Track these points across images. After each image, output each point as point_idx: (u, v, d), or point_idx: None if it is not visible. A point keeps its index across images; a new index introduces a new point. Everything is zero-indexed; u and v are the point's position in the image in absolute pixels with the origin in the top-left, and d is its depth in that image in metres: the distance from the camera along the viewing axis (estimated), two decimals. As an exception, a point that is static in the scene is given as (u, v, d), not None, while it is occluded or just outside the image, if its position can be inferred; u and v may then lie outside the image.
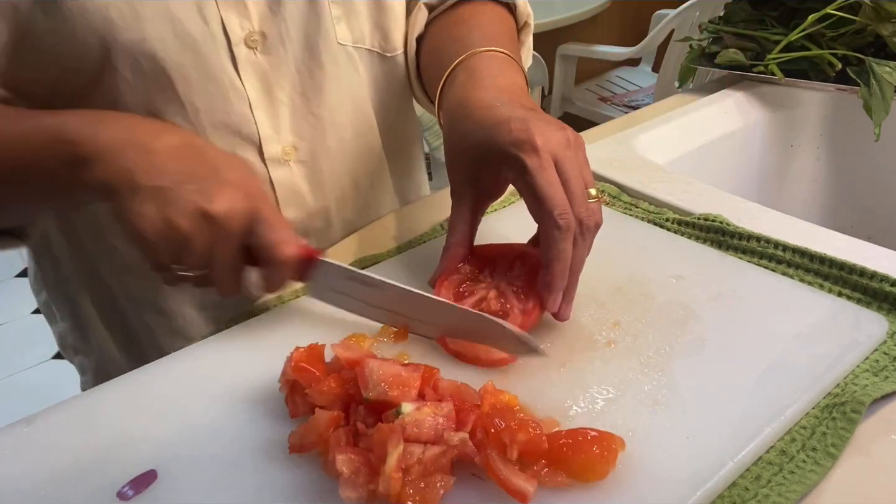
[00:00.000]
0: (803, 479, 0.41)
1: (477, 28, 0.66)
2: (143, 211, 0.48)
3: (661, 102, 0.94)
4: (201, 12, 0.59)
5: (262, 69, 0.63)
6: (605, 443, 0.40)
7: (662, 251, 0.61)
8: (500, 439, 0.40)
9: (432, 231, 0.68)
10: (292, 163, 0.67)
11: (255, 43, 0.62)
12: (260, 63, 0.63)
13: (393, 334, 0.53)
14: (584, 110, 2.45)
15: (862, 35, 0.86)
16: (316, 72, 0.66)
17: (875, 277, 0.54)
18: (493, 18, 0.69)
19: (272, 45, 0.63)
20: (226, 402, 0.48)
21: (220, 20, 0.60)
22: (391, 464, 0.38)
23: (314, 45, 0.65)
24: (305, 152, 0.68)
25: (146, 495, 0.42)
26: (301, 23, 0.64)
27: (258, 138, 0.64)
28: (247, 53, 0.62)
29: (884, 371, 0.48)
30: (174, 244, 0.49)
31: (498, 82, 0.56)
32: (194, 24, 0.58)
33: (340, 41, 0.66)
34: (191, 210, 0.48)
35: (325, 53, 0.65)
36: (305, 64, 0.65)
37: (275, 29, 0.63)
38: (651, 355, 0.49)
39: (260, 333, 0.55)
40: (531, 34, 0.76)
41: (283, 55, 0.64)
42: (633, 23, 2.82)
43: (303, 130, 0.67)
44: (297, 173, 0.68)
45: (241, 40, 0.61)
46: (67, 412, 0.49)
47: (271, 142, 0.65)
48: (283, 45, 0.63)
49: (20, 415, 0.49)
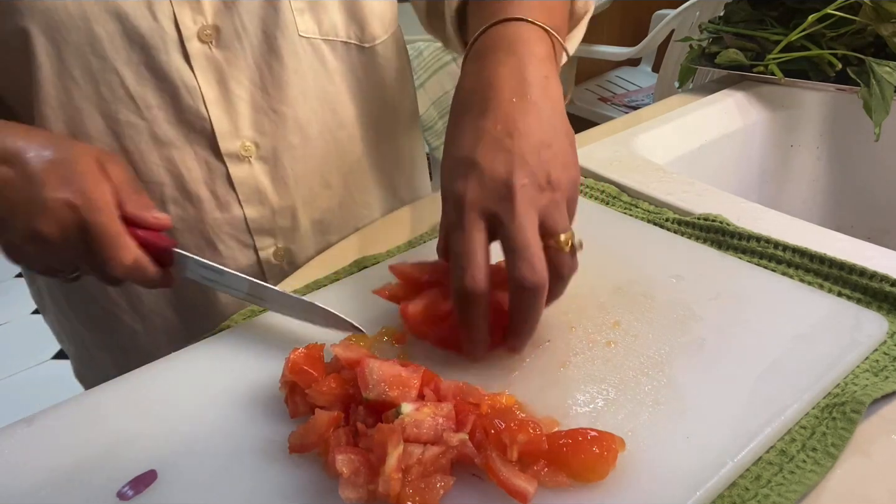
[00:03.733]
0: (803, 479, 0.41)
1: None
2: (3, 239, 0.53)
3: (661, 102, 0.94)
4: (151, 8, 0.58)
5: (217, 64, 0.62)
6: (605, 443, 0.40)
7: (662, 251, 0.61)
8: (500, 440, 0.40)
9: (432, 231, 0.68)
10: (253, 159, 0.66)
11: (208, 37, 0.61)
12: (215, 58, 0.62)
13: (392, 335, 0.53)
14: (584, 110, 2.45)
15: (862, 35, 0.86)
16: (275, 66, 0.64)
17: (875, 277, 0.54)
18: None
19: (227, 40, 0.62)
20: (226, 402, 0.48)
21: (171, 14, 0.59)
22: (391, 464, 0.38)
23: (273, 39, 0.63)
24: (266, 149, 0.66)
25: (146, 495, 0.42)
26: (258, 16, 0.62)
27: (211, 134, 0.63)
28: (200, 48, 0.61)
29: (884, 371, 0.48)
30: (34, 261, 0.54)
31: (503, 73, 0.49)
32: (143, 20, 0.58)
33: (302, 34, 0.64)
34: (27, 234, 0.51)
35: (284, 47, 0.64)
36: (264, 58, 0.64)
37: (229, 22, 0.61)
38: (651, 355, 0.49)
39: (260, 333, 0.55)
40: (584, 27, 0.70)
41: (239, 49, 0.62)
42: (633, 23, 2.81)
43: (263, 126, 0.66)
44: (259, 170, 0.67)
45: (193, 35, 0.60)
46: (67, 412, 0.49)
47: (229, 138, 0.64)
48: (238, 39, 0.62)
49: (20, 415, 0.49)
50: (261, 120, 0.65)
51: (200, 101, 0.62)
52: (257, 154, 0.66)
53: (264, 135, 0.66)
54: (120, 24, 0.57)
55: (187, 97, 0.62)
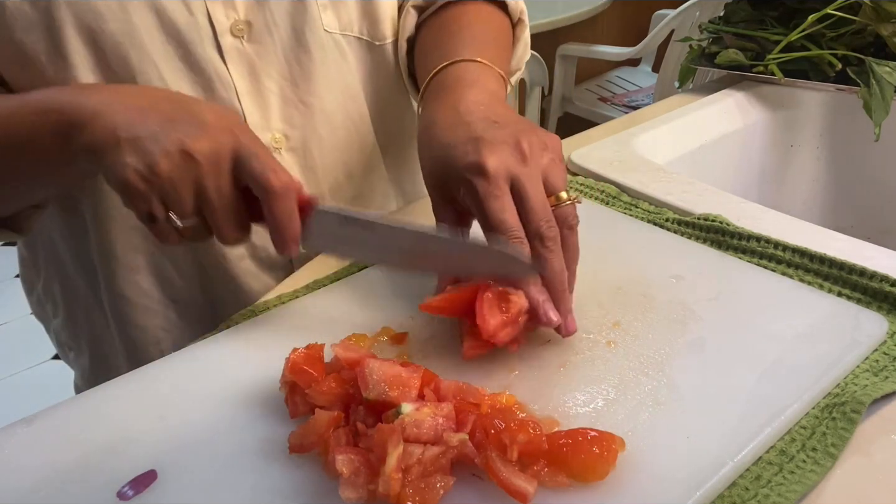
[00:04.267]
0: (803, 479, 0.41)
1: (459, 33, 0.65)
2: (125, 160, 0.48)
3: (661, 102, 0.94)
4: (186, 2, 0.60)
5: (248, 58, 0.64)
6: (605, 443, 0.40)
7: (662, 251, 0.61)
8: (499, 440, 0.40)
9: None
10: (283, 151, 0.68)
11: (240, 32, 0.63)
12: (246, 52, 0.63)
13: (391, 336, 0.53)
14: (584, 110, 2.45)
15: (862, 35, 0.86)
16: (304, 59, 0.66)
17: (875, 277, 0.54)
18: (479, 19, 0.68)
19: (258, 34, 0.64)
20: (226, 402, 0.48)
21: (205, 10, 0.60)
22: (391, 464, 0.38)
23: (301, 33, 0.65)
24: (296, 140, 0.68)
25: (146, 495, 0.42)
26: (287, 11, 0.64)
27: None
28: (233, 42, 0.62)
29: (884, 371, 0.48)
30: (160, 189, 0.48)
31: (466, 96, 0.55)
32: (179, 15, 0.60)
33: (327, 28, 0.67)
34: (172, 151, 0.47)
35: (312, 41, 0.66)
36: (293, 52, 0.66)
37: (260, 17, 0.63)
38: (651, 355, 0.49)
39: (260, 333, 0.55)
40: (527, 29, 0.75)
41: (269, 43, 0.64)
42: (633, 23, 2.82)
43: (293, 118, 0.67)
44: (289, 161, 0.68)
45: (226, 30, 0.62)
46: (67, 412, 0.49)
47: (261, 130, 0.65)
48: (269, 33, 0.64)
49: (20, 415, 0.49)
50: (290, 112, 0.67)
51: (234, 93, 0.63)
52: (287, 145, 0.68)
53: (294, 126, 0.68)
54: (157, 17, 0.59)
55: (221, 90, 0.63)
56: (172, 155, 0.47)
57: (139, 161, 0.47)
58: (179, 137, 0.48)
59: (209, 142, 0.48)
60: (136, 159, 0.47)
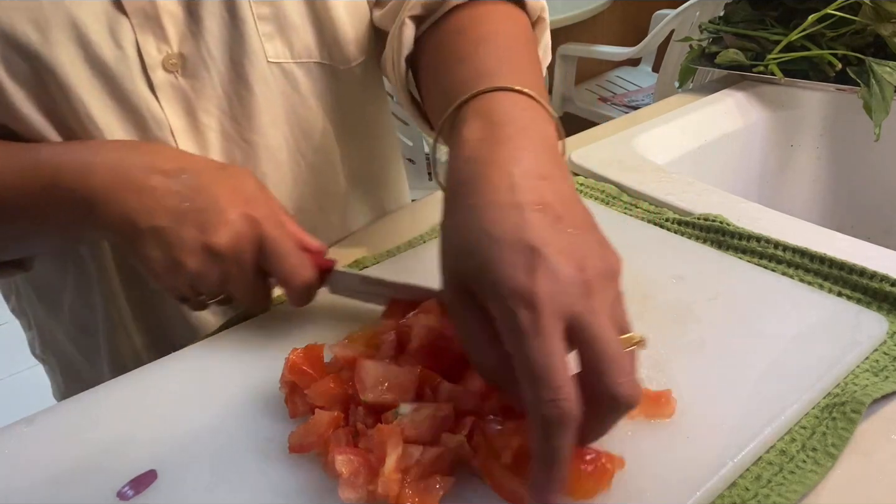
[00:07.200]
0: (803, 479, 0.41)
1: (484, 42, 0.53)
2: (149, 254, 0.50)
3: (661, 102, 0.94)
4: (114, 35, 0.55)
5: (184, 93, 0.59)
6: (601, 463, 0.39)
7: (662, 251, 0.61)
8: (493, 444, 0.40)
9: (432, 231, 0.68)
10: None
11: (174, 66, 0.57)
12: (181, 87, 0.59)
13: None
14: (584, 110, 2.45)
15: (862, 35, 0.86)
16: (244, 94, 0.61)
17: (875, 277, 0.54)
18: (502, 24, 0.56)
19: (193, 68, 0.58)
20: (226, 402, 0.48)
21: (134, 42, 0.55)
22: (390, 465, 0.38)
23: (240, 66, 0.60)
24: None
25: (146, 495, 0.42)
26: (224, 43, 0.59)
27: None
28: (165, 77, 0.57)
29: (884, 371, 0.48)
30: (187, 280, 0.50)
31: (522, 156, 0.41)
32: (106, 47, 0.54)
33: (272, 59, 0.61)
34: (195, 247, 0.49)
35: (253, 74, 0.60)
36: (232, 86, 0.60)
37: (195, 50, 0.58)
38: (651, 355, 0.49)
39: (260, 333, 0.55)
40: (547, 29, 0.64)
41: (206, 78, 0.59)
42: (633, 23, 2.81)
43: (233, 156, 0.63)
44: None
45: (157, 63, 0.57)
46: (67, 412, 0.49)
47: None
48: (205, 67, 0.59)
49: (20, 415, 0.49)
50: (231, 149, 0.63)
51: (168, 131, 0.59)
52: None
53: (235, 164, 0.63)
54: (82, 49, 0.54)
55: (154, 128, 0.58)
56: (196, 252, 0.49)
57: (164, 257, 0.49)
58: (200, 235, 0.49)
59: (229, 235, 0.49)
60: (160, 254, 0.49)
